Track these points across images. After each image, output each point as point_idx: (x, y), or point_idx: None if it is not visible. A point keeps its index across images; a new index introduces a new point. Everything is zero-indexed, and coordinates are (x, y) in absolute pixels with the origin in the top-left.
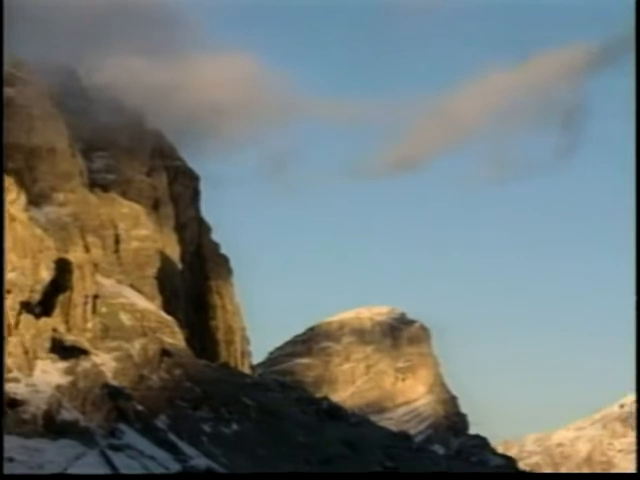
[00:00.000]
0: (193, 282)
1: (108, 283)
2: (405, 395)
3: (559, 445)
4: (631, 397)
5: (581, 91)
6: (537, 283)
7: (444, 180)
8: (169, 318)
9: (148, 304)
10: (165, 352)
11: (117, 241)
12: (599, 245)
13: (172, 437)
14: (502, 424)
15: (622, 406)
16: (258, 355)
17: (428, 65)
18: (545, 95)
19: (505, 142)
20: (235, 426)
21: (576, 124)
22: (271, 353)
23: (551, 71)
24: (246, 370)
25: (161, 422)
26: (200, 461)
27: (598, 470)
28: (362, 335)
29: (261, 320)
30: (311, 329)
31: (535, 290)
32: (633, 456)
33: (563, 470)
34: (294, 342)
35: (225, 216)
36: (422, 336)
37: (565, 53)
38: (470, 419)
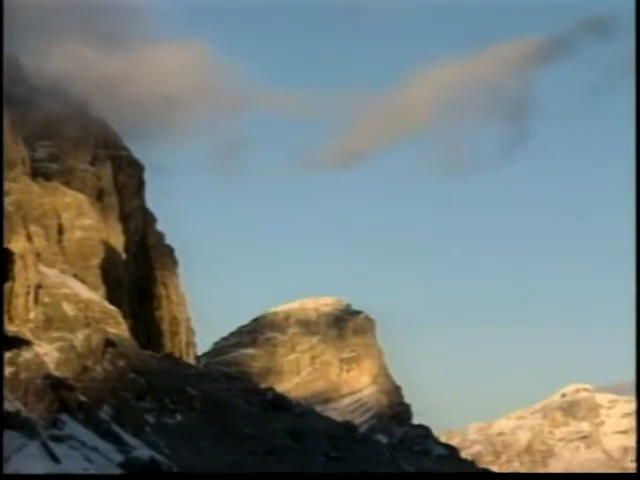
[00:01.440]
0: (137, 272)
1: (51, 273)
2: (350, 385)
3: (500, 434)
4: (572, 386)
5: (528, 85)
6: (480, 275)
7: (391, 173)
8: (113, 308)
9: (92, 294)
10: (109, 343)
11: (60, 231)
12: (543, 238)
13: (115, 428)
14: (445, 414)
15: (563, 395)
16: (203, 346)
17: (377, 59)
18: (492, 88)
19: (452, 135)
20: (179, 417)
21: (523, 118)
22: (216, 344)
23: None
24: (191, 361)
25: (104, 413)
26: (143, 452)
27: (537, 458)
28: (307, 326)
29: (206, 311)
30: (256, 320)
31: (478, 282)
32: (573, 445)
33: (503, 458)
34: (239, 333)
35: (171, 206)
36: (367, 327)
37: (512, 47)
38: (413, 409)
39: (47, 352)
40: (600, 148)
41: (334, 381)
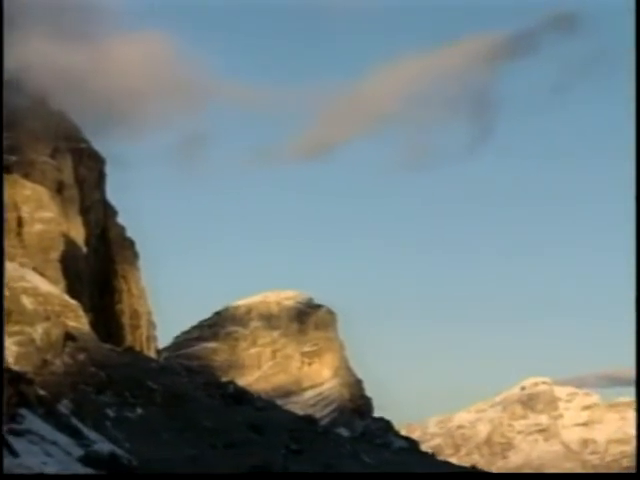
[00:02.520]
0: (98, 266)
1: (10, 266)
2: (311, 379)
3: (460, 427)
4: (531, 379)
5: (493, 80)
6: (441, 269)
7: (355, 167)
8: (73, 302)
9: (52, 288)
10: (69, 336)
11: (20, 224)
12: (505, 233)
13: (75, 422)
14: (406, 407)
15: (522, 388)
16: (164, 339)
17: (342, 53)
18: (457, 83)
19: (417, 130)
20: (140, 410)
21: (488, 113)
22: (177, 337)
23: (463, 59)
24: (152, 354)
25: (64, 407)
26: (103, 446)
27: (497, 450)
28: (269, 320)
29: (168, 304)
30: (218, 313)
31: (439, 276)
32: (532, 437)
33: (463, 451)
34: (200, 326)
35: (132, 199)
36: (328, 321)
37: (477, 42)
38: (375, 403)
39: (6, 346)
40: (564, 144)
41: (295, 375)
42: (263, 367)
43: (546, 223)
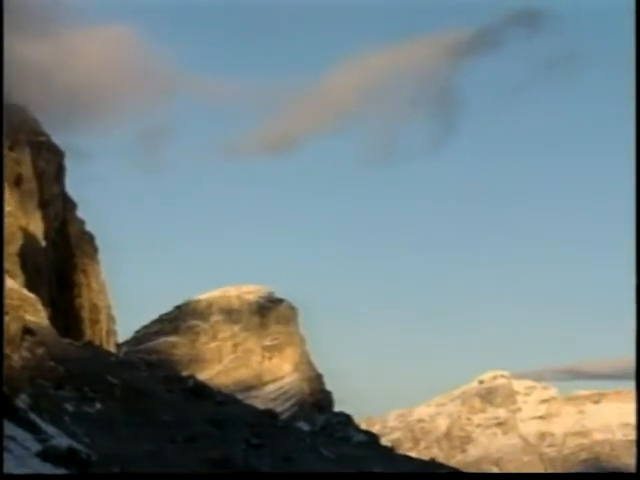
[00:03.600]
0: (57, 260)
1: None
2: (272, 373)
3: (420, 421)
4: (490, 373)
5: (456, 76)
6: (401, 263)
7: (316, 162)
8: (32, 296)
9: (10, 282)
10: (27, 330)
11: None
12: (466, 228)
13: (33, 417)
14: (366, 401)
15: (481, 382)
16: (124, 334)
17: (306, 48)
18: (420, 78)
19: (381, 125)
20: (99, 405)
21: (450, 110)
22: (137, 332)
23: (426, 54)
24: (111, 349)
25: (22, 402)
26: (62, 440)
27: (456, 444)
28: (230, 314)
29: (128, 298)
30: (178, 308)
31: (399, 270)
32: (490, 431)
33: (422, 445)
34: (161, 320)
35: (92, 193)
36: (289, 315)
37: (440, 38)
38: (335, 397)
39: None
40: (527, 142)
41: (256, 369)
42: (224, 361)
43: (507, 219)
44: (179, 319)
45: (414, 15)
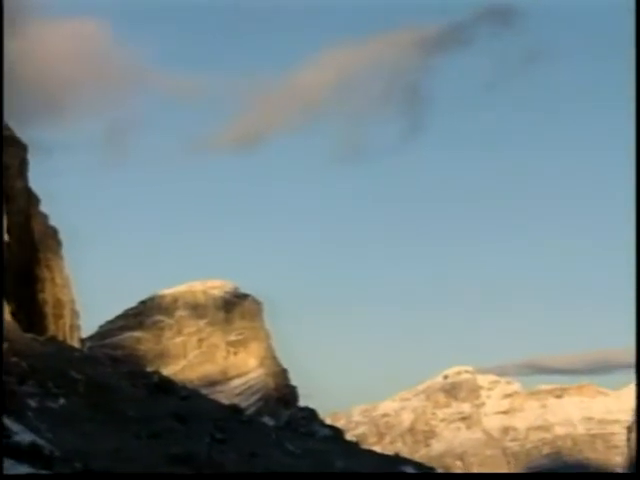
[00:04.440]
0: (21, 254)
1: None
2: (237, 368)
3: (384, 415)
4: (454, 368)
5: (426, 73)
6: (366, 259)
7: (285, 158)
8: None
9: None
10: None
11: None
12: (435, 226)
13: None
14: (331, 396)
15: (445, 377)
16: (89, 329)
17: (275, 44)
18: (390, 74)
19: (350, 121)
20: (62, 401)
21: (420, 105)
22: (101, 327)
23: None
24: (75, 344)
25: None
26: (25, 436)
27: (420, 438)
28: (195, 309)
29: (92, 293)
30: (143, 302)
31: (364, 266)
32: (454, 425)
33: (387, 439)
34: (125, 316)
35: (56, 187)
36: (254, 310)
37: (409, 34)
38: (300, 391)
39: None
40: (496, 139)
41: (221, 364)
42: (189, 356)
43: (475, 215)
44: (144, 314)
45: (384, 11)
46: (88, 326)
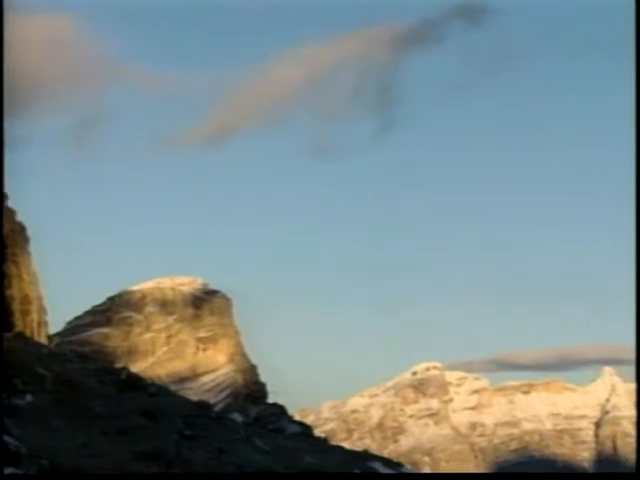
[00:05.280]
0: None
1: None
2: (206, 365)
3: (353, 412)
4: (423, 364)
5: (396, 70)
6: (334, 255)
7: (255, 154)
8: None
9: None
10: None
11: None
12: (405, 224)
13: None
14: (300, 392)
15: (414, 373)
16: (56, 325)
17: (245, 40)
18: (360, 71)
19: (321, 118)
20: (29, 397)
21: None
22: (69, 323)
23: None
24: (42, 340)
25: None
26: None
27: (388, 435)
28: (164, 305)
29: (60, 290)
30: (111, 299)
31: (332, 262)
32: (422, 421)
33: (355, 435)
34: (93, 312)
35: (24, 182)
36: (224, 306)
37: (380, 31)
38: (269, 388)
39: None
40: (467, 137)
41: (190, 361)
42: (157, 353)
43: (444, 214)
44: (112, 310)
45: (355, 9)
46: (56, 322)
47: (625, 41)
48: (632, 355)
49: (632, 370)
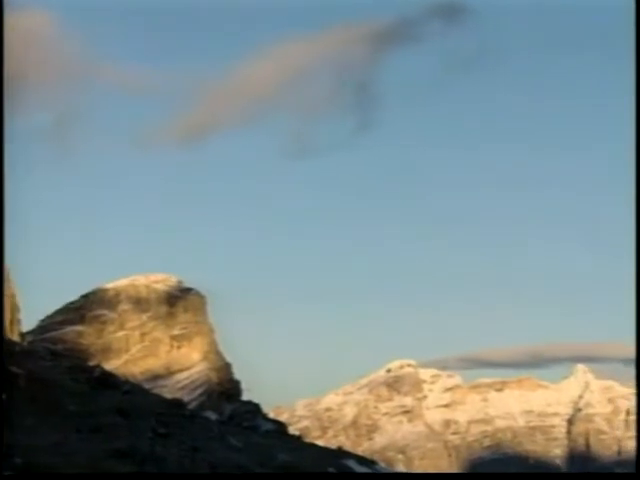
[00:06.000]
0: None
1: None
2: (180, 363)
3: (327, 410)
4: (397, 362)
5: (375, 68)
6: (310, 254)
7: (231, 153)
8: None
9: None
10: None
11: None
12: (383, 223)
13: None
14: (274, 390)
15: (388, 371)
16: (29, 323)
17: (223, 38)
18: (338, 69)
19: (298, 116)
20: (3, 396)
21: (370, 101)
22: (42, 321)
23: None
24: (15, 338)
25: None
26: None
27: (362, 432)
28: (138, 303)
29: (33, 287)
30: (85, 296)
31: (309, 260)
32: (397, 419)
33: (330, 433)
34: (67, 309)
35: None
36: (198, 304)
37: (357, 29)
38: (243, 386)
39: None
40: (446, 135)
41: (164, 358)
42: (131, 350)
43: (423, 212)
44: (86, 308)
45: (333, 7)
46: (29, 320)
47: (604, 39)
48: (605, 352)
49: (606, 367)
